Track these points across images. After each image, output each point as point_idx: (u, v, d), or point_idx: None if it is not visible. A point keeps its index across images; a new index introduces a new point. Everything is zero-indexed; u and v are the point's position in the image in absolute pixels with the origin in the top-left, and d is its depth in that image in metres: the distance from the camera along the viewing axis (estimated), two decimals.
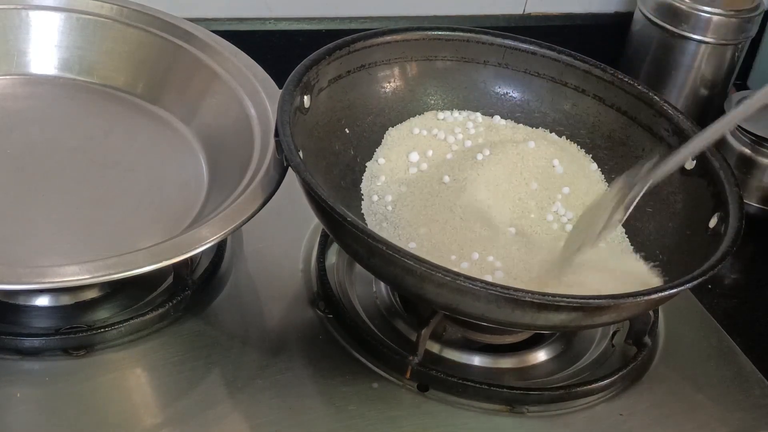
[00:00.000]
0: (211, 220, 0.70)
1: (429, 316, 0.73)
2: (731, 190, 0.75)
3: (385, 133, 0.83)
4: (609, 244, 0.79)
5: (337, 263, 0.82)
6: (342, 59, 0.80)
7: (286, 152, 0.69)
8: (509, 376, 0.76)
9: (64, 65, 0.89)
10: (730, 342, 0.82)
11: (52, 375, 0.69)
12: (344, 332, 0.76)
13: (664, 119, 0.82)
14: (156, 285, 0.77)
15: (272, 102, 0.80)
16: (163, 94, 0.88)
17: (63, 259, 0.66)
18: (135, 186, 0.80)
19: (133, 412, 0.69)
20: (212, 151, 0.84)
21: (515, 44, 0.86)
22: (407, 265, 0.64)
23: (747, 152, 0.98)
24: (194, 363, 0.72)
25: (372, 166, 0.81)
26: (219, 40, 0.88)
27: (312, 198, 0.69)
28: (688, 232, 0.77)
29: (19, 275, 0.64)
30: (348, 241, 0.69)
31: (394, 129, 0.84)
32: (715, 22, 1.03)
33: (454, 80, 0.86)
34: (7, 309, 0.73)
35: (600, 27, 1.17)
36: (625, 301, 0.66)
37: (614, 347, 0.80)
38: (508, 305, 0.64)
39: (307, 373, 0.73)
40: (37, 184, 0.79)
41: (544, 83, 0.87)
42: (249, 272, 0.81)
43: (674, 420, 0.75)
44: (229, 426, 0.69)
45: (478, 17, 1.12)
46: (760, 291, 0.94)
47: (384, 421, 0.70)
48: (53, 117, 0.86)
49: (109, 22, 0.89)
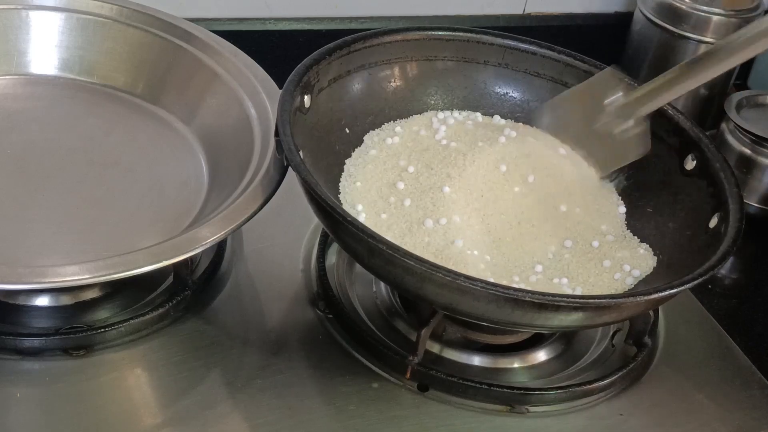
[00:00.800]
0: (211, 220, 0.70)
1: (429, 316, 0.73)
2: (731, 190, 0.75)
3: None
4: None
5: (337, 263, 0.82)
6: (342, 59, 0.80)
7: (287, 152, 0.69)
8: (509, 376, 0.76)
9: (64, 65, 0.89)
10: (730, 342, 0.82)
11: (52, 375, 0.69)
12: (344, 332, 0.76)
13: (664, 119, 0.82)
14: (156, 285, 0.77)
15: (272, 102, 0.80)
16: (163, 94, 0.88)
17: (63, 259, 0.66)
18: (135, 186, 0.81)
19: (133, 412, 0.69)
20: (212, 151, 0.84)
21: (515, 44, 0.86)
22: (407, 265, 0.64)
23: (747, 152, 0.98)
24: (194, 363, 0.72)
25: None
26: (219, 40, 0.88)
27: (312, 197, 0.69)
28: (688, 232, 0.77)
29: (20, 275, 0.64)
30: (348, 241, 0.69)
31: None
32: (715, 22, 1.03)
33: (455, 80, 0.86)
34: (7, 309, 0.73)
35: (600, 27, 1.17)
36: (625, 301, 0.66)
37: (614, 347, 0.80)
38: (508, 305, 0.64)
39: (307, 373, 0.73)
40: (37, 184, 0.79)
41: (545, 83, 0.87)
42: (249, 272, 0.81)
43: (674, 420, 0.75)
44: (229, 426, 0.69)
45: (478, 17, 1.12)
46: (760, 291, 0.94)
47: (384, 421, 0.70)
48: (53, 117, 0.86)
49: (109, 22, 0.89)
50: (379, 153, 0.80)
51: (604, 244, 0.78)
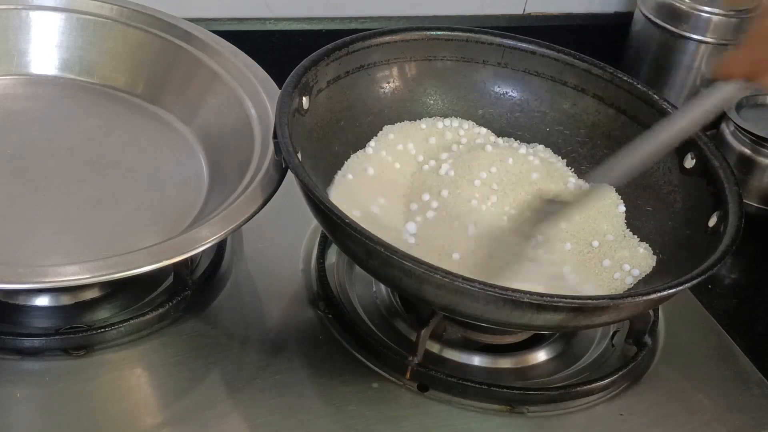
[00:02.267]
0: (211, 220, 0.70)
1: (429, 317, 0.73)
2: (731, 189, 0.75)
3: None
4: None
5: (337, 263, 0.82)
6: (341, 60, 0.80)
7: (285, 154, 0.69)
8: (509, 376, 0.76)
9: (64, 65, 0.89)
10: (730, 342, 0.82)
11: (52, 375, 0.69)
12: (344, 332, 0.76)
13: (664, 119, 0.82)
14: (156, 285, 0.77)
15: (272, 102, 0.80)
16: (163, 95, 0.88)
17: (63, 259, 0.66)
18: (135, 186, 0.81)
19: (133, 412, 0.69)
20: (212, 151, 0.84)
21: (514, 44, 0.86)
22: (405, 267, 0.64)
23: (747, 152, 0.98)
24: (194, 363, 0.72)
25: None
26: (219, 41, 0.88)
27: (310, 199, 0.68)
28: (688, 232, 0.77)
29: (20, 274, 0.64)
30: (346, 243, 0.69)
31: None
32: (715, 22, 1.03)
33: (454, 80, 0.86)
34: (7, 309, 0.73)
35: (600, 27, 1.17)
36: (625, 301, 0.66)
37: (614, 347, 0.80)
38: (506, 306, 0.64)
39: (307, 373, 0.73)
40: (38, 184, 0.79)
41: (544, 83, 0.87)
42: (249, 272, 0.81)
43: (674, 420, 0.75)
44: (229, 426, 0.69)
45: (477, 17, 1.12)
46: (760, 291, 0.94)
47: (384, 421, 0.70)
48: (53, 117, 0.86)
49: (109, 23, 0.89)
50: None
51: (603, 244, 0.78)
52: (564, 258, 0.77)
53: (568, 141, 0.86)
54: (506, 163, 0.80)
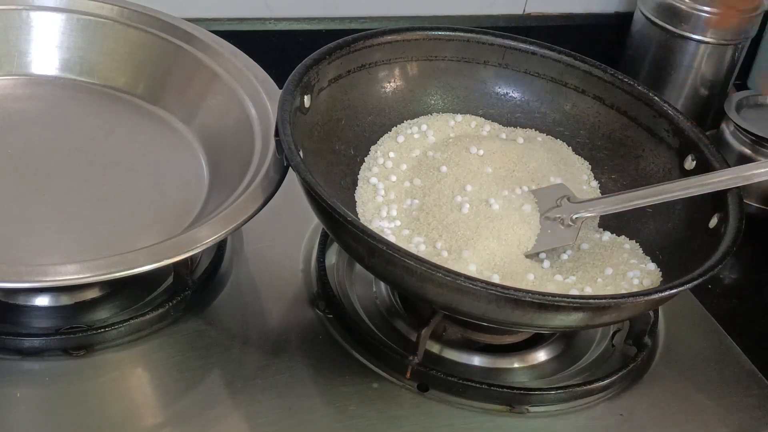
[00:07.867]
0: (211, 220, 0.70)
1: (429, 316, 0.73)
2: (731, 190, 0.75)
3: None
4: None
5: (337, 263, 0.82)
6: (342, 59, 0.80)
7: (287, 152, 0.69)
8: (509, 376, 0.77)
9: (64, 66, 0.89)
10: (730, 342, 0.82)
11: (52, 375, 0.69)
12: (344, 332, 0.76)
13: (664, 119, 0.82)
14: (156, 285, 0.77)
15: (272, 102, 0.80)
16: (163, 95, 0.88)
17: (64, 259, 0.66)
18: (135, 186, 0.81)
19: (133, 412, 0.69)
20: (213, 151, 0.84)
21: (515, 44, 0.86)
22: (408, 265, 0.64)
23: (747, 152, 0.98)
24: (194, 363, 0.72)
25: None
26: (219, 41, 0.88)
27: (312, 198, 0.69)
28: (688, 233, 0.77)
29: (20, 273, 0.64)
30: (348, 241, 0.69)
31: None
32: (715, 22, 1.03)
33: (455, 80, 0.86)
34: (7, 309, 0.73)
35: (600, 27, 1.17)
36: (625, 301, 0.66)
37: (614, 347, 0.80)
38: (508, 305, 0.64)
39: (307, 373, 0.73)
40: (38, 184, 0.79)
41: (545, 83, 0.87)
42: (249, 272, 0.81)
43: (674, 420, 0.75)
44: (229, 426, 0.69)
45: (478, 17, 1.12)
46: (760, 291, 0.94)
47: (384, 421, 0.70)
48: (54, 117, 0.86)
49: (109, 23, 0.89)
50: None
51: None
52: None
53: (569, 142, 0.86)
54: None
